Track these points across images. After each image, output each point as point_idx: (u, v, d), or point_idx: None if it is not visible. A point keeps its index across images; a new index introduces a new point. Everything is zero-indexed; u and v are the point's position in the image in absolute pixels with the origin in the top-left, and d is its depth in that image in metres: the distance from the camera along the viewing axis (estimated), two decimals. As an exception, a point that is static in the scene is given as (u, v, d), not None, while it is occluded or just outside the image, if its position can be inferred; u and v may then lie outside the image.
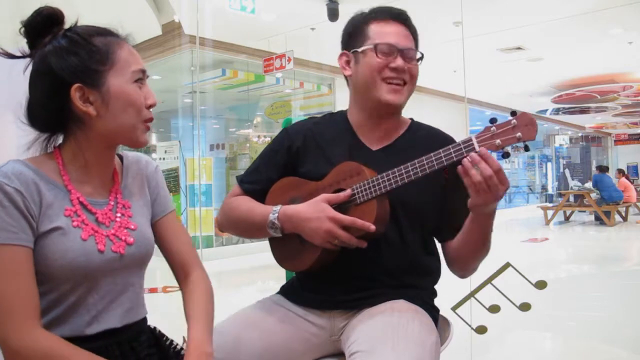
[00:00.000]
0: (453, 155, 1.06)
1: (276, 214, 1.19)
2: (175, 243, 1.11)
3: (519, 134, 1.01)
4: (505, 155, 1.05)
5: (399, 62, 1.23)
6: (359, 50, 1.26)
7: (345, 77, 1.34)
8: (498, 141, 1.03)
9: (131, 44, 1.00)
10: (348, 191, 1.15)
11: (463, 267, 1.28)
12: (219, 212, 1.37)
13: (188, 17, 6.15)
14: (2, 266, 0.86)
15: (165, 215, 1.11)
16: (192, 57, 7.10)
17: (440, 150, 1.07)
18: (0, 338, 0.86)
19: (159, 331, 1.10)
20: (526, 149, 1.07)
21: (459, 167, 1.05)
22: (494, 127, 1.04)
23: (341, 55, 1.32)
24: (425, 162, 1.09)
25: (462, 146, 1.06)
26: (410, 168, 1.10)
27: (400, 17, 1.28)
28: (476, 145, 1.04)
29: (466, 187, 1.06)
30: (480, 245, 1.20)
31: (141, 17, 6.21)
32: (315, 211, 1.14)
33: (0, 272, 0.85)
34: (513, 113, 1.03)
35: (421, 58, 1.29)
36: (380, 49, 1.24)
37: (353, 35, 1.30)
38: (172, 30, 6.62)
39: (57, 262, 0.90)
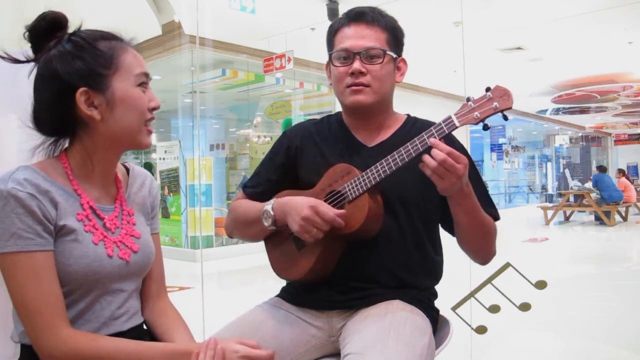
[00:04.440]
0: (435, 134, 1.07)
1: (271, 205, 1.21)
2: (156, 262, 1.11)
3: (495, 104, 1.05)
4: (485, 127, 1.09)
5: (355, 65, 1.22)
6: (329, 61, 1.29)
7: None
8: (477, 114, 1.06)
9: (134, 48, 1.01)
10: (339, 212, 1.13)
11: (475, 252, 1.26)
12: (226, 218, 1.42)
13: (188, 17, 6.15)
14: (22, 273, 0.87)
15: (155, 234, 1.13)
16: (192, 57, 7.10)
17: (423, 133, 1.08)
18: (34, 342, 0.88)
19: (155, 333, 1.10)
20: (505, 118, 1.09)
21: (421, 164, 1.07)
22: (471, 103, 1.07)
23: (326, 65, 1.34)
24: (410, 147, 1.10)
25: (443, 125, 1.08)
26: (396, 156, 1.11)
27: (358, 18, 1.24)
28: (456, 122, 1.07)
29: (429, 178, 1.07)
30: (475, 227, 1.19)
31: (141, 17, 6.21)
32: (301, 199, 1.15)
33: (21, 279, 0.87)
34: (487, 89, 1.06)
35: (386, 54, 1.23)
36: (335, 57, 1.26)
37: (327, 46, 1.32)
38: (172, 30, 6.62)
39: (70, 267, 0.91)
